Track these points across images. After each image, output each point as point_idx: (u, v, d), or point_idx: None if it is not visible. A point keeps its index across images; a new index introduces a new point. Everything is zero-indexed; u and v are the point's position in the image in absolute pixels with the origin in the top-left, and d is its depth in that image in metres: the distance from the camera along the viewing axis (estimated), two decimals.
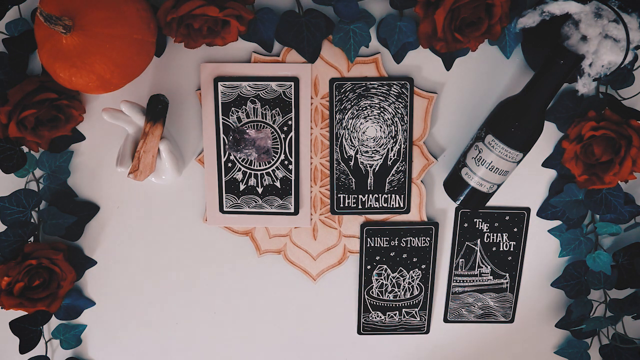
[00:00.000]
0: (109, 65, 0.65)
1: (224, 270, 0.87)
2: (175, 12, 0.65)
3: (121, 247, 0.86)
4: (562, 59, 0.65)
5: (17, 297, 0.78)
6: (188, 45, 0.70)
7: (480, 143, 0.72)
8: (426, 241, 0.84)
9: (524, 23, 0.69)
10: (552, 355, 0.92)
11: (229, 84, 0.76)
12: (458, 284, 0.87)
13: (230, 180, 0.81)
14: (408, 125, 0.78)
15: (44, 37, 0.64)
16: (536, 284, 0.88)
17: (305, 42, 0.74)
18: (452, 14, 0.66)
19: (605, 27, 0.66)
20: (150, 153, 0.74)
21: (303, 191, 0.81)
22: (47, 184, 0.80)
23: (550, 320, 0.90)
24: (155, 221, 0.84)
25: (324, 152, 0.80)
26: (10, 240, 0.79)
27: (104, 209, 0.83)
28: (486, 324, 0.91)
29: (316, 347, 0.92)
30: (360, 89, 0.77)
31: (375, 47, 0.75)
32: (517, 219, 0.83)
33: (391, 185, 0.81)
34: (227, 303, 0.89)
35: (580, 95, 0.72)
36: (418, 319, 0.89)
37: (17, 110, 0.70)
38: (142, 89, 0.77)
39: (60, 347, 0.90)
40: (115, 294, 0.88)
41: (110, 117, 0.73)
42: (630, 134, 0.72)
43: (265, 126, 0.78)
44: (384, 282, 0.86)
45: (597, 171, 0.75)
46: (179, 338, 0.91)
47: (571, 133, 0.75)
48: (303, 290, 0.88)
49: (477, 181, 0.73)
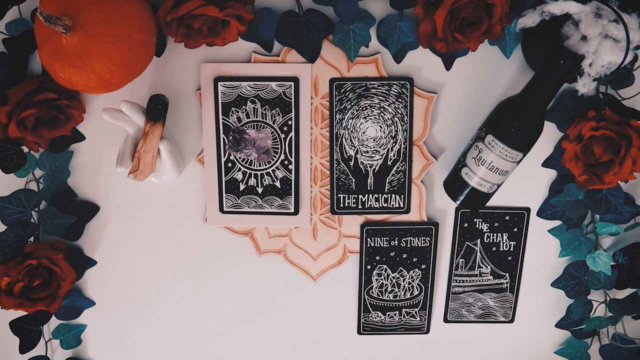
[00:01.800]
0: (109, 65, 0.65)
1: (224, 270, 0.87)
2: (175, 12, 0.65)
3: (121, 247, 0.86)
4: (562, 59, 0.65)
5: (17, 297, 0.78)
6: (188, 45, 0.70)
7: (480, 143, 0.72)
8: (426, 241, 0.84)
9: (524, 23, 0.69)
10: (552, 355, 0.92)
11: (229, 84, 0.76)
12: (458, 284, 0.87)
13: (230, 180, 0.81)
14: (408, 125, 0.78)
15: (44, 37, 0.64)
16: (536, 284, 0.88)
17: (305, 42, 0.74)
18: (452, 14, 0.66)
19: (605, 27, 0.66)
20: (150, 153, 0.74)
21: (303, 191, 0.81)
22: (47, 184, 0.80)
23: (550, 320, 0.90)
24: (155, 221, 0.84)
25: (324, 152, 0.80)
26: (10, 240, 0.79)
27: (104, 209, 0.83)
28: (486, 324, 0.90)
29: (316, 347, 0.92)
30: (360, 89, 0.77)
31: (375, 47, 0.75)
32: (517, 219, 0.83)
33: (391, 185, 0.81)
34: (227, 303, 0.89)
35: (580, 95, 0.72)
36: (418, 319, 0.89)
37: (17, 110, 0.70)
38: (142, 89, 0.77)
39: (60, 347, 0.90)
40: (115, 294, 0.88)
41: (110, 117, 0.73)
42: (630, 134, 0.72)
43: (265, 126, 0.78)
44: (384, 282, 0.86)
45: (597, 171, 0.75)
46: (179, 338, 0.91)
47: (571, 133, 0.75)
48: (303, 290, 0.88)
49: (477, 181, 0.73)
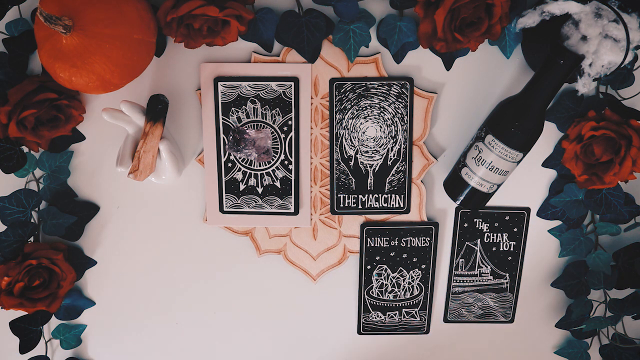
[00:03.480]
0: (109, 65, 0.65)
1: (224, 270, 0.87)
2: (175, 12, 0.65)
3: (121, 247, 0.86)
4: (562, 59, 0.65)
5: (17, 297, 0.78)
6: (188, 45, 0.70)
7: (480, 143, 0.72)
8: (426, 241, 0.84)
9: (524, 23, 0.69)
10: (552, 355, 0.92)
11: (229, 84, 0.76)
12: (458, 284, 0.87)
13: (230, 180, 0.81)
14: (408, 125, 0.78)
15: (44, 37, 0.64)
16: (536, 284, 0.88)
17: (305, 42, 0.74)
18: (452, 14, 0.66)
19: (605, 27, 0.66)
20: (150, 153, 0.74)
21: (303, 191, 0.81)
22: (47, 184, 0.80)
23: (550, 320, 0.90)
24: (155, 221, 0.84)
25: (324, 152, 0.80)
26: (10, 240, 0.79)
27: (104, 209, 0.83)
28: (486, 324, 0.90)
29: (316, 347, 0.92)
30: (360, 89, 0.77)
31: (375, 47, 0.75)
32: (517, 219, 0.83)
33: (391, 185, 0.81)
34: (227, 303, 0.89)
35: (580, 95, 0.72)
36: (418, 319, 0.89)
37: (17, 110, 0.70)
38: (142, 89, 0.77)
39: (60, 347, 0.90)
40: (115, 294, 0.88)
41: (110, 117, 0.73)
42: (630, 134, 0.72)
43: (265, 126, 0.78)
44: (384, 282, 0.86)
45: (597, 171, 0.75)
46: (179, 338, 0.91)
47: (571, 133, 0.75)
48: (303, 290, 0.88)
49: (477, 181, 0.73)
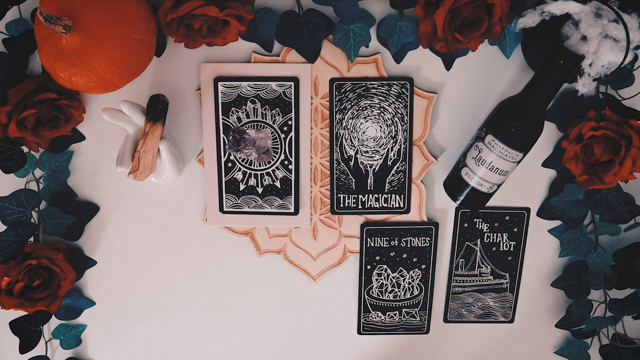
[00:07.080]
0: (109, 65, 0.65)
1: (224, 271, 0.87)
2: (175, 12, 0.65)
3: (121, 247, 0.86)
4: (562, 59, 0.65)
5: (17, 297, 0.78)
6: (188, 45, 0.70)
7: (480, 143, 0.72)
8: (426, 241, 0.84)
9: (524, 23, 0.69)
10: (552, 355, 0.92)
11: (229, 84, 0.76)
12: (458, 284, 0.87)
13: (230, 180, 0.81)
14: (408, 125, 0.78)
15: (44, 37, 0.64)
16: (536, 284, 0.88)
17: (305, 42, 0.74)
18: (452, 14, 0.66)
19: (605, 27, 0.66)
20: (150, 153, 0.74)
21: (303, 191, 0.81)
22: (47, 184, 0.80)
23: (550, 320, 0.90)
24: (155, 221, 0.84)
25: (324, 152, 0.80)
26: (10, 240, 0.79)
27: (104, 209, 0.83)
28: (486, 324, 0.90)
29: (316, 347, 0.92)
30: (360, 89, 0.77)
31: (375, 47, 0.75)
32: (517, 219, 0.83)
33: (391, 185, 0.81)
34: (227, 303, 0.89)
35: (580, 95, 0.72)
36: (418, 319, 0.89)
37: (17, 110, 0.70)
38: (142, 89, 0.77)
39: (60, 347, 0.90)
40: (115, 294, 0.88)
41: (110, 117, 0.73)
42: (630, 134, 0.72)
43: (265, 126, 0.78)
44: (384, 282, 0.86)
45: (597, 171, 0.75)
46: (179, 338, 0.91)
47: (571, 133, 0.75)
48: (303, 290, 0.88)
49: (477, 181, 0.73)
